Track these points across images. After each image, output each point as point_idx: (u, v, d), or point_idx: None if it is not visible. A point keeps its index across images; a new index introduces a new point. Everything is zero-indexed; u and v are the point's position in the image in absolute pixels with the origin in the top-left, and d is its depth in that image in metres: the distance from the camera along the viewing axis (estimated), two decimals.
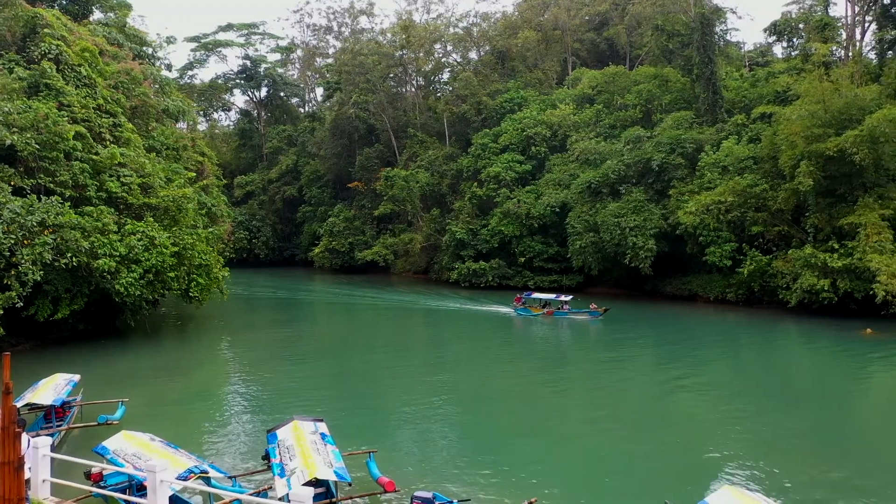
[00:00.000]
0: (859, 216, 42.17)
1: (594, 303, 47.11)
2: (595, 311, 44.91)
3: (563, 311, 46.36)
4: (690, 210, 49.79)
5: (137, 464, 13.81)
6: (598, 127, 64.63)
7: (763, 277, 47.29)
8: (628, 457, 18.99)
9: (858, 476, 17.00)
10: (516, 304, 48.28)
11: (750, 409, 24.09)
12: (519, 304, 48.17)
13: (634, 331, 42.47)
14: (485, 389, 27.56)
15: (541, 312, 46.89)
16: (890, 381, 29.98)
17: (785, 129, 46.08)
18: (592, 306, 45.75)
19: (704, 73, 57.45)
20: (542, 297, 48.49)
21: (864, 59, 56.44)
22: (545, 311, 46.85)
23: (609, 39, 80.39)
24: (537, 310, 47.29)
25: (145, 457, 13.96)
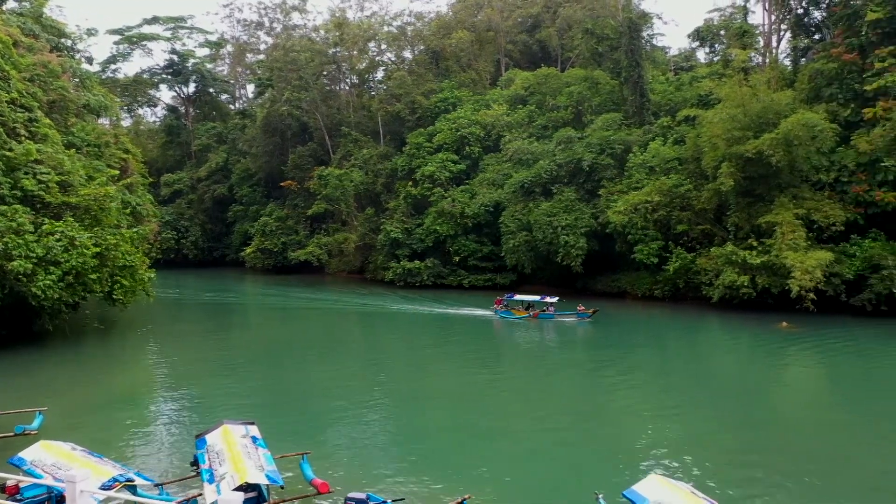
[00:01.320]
0: (776, 215, 44.27)
1: (581, 304, 45.68)
2: (583, 312, 43.70)
3: (549, 312, 45.11)
4: (619, 209, 51.18)
5: (57, 474, 13.19)
6: (531, 127, 65.62)
7: (688, 274, 49.02)
8: (561, 450, 19.38)
9: (775, 461, 17.85)
10: (496, 307, 47.05)
11: (676, 402, 24.97)
12: (499, 307, 46.91)
13: (563, 326, 43.07)
14: (422, 390, 27.59)
15: (525, 315, 45.57)
16: (803, 371, 31.62)
17: (707, 131, 47.91)
18: (580, 308, 44.42)
19: (632, 76, 59.17)
20: (525, 299, 46.85)
21: (780, 66, 59.25)
22: (531, 313, 45.57)
23: (541, 41, 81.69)
24: (520, 312, 46.00)
25: (65, 467, 13.35)
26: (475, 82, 78.22)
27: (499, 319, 45.95)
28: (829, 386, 29.23)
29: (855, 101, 46.56)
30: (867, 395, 26.38)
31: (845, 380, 29.58)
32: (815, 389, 28.83)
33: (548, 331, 41.99)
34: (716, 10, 71.88)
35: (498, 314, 46.67)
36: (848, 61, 47.23)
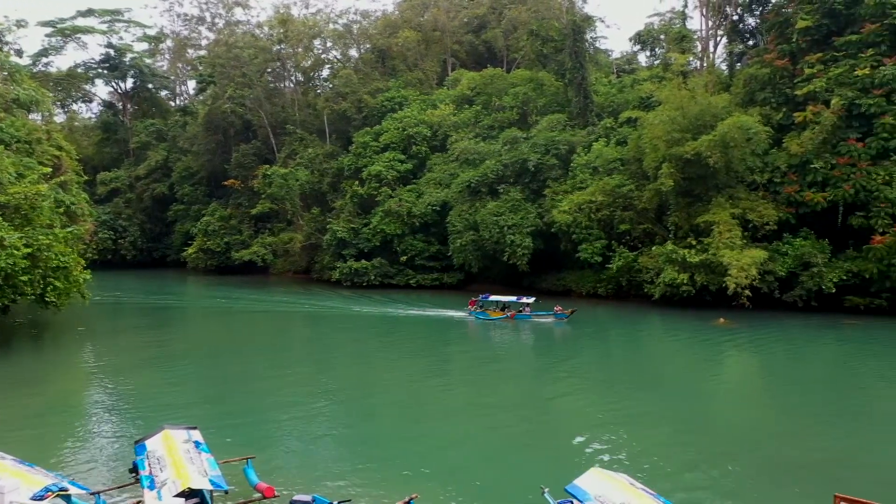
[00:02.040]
0: (713, 215, 45.75)
1: (559, 305, 44.97)
2: (560, 312, 43.04)
3: (526, 313, 44.38)
4: (564, 209, 52.02)
5: None
6: (478, 127, 66.05)
7: (630, 272, 50.16)
8: (507, 446, 19.58)
9: (711, 451, 18.46)
10: (471, 308, 46.10)
11: (618, 397, 25.54)
12: (474, 308, 45.99)
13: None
14: (372, 392, 27.44)
15: (502, 316, 44.64)
16: (739, 365, 32.79)
17: (648, 133, 49.14)
18: (557, 308, 43.73)
19: (576, 78, 60.22)
20: (501, 300, 45.87)
21: (717, 70, 61.25)
22: (508, 314, 44.68)
23: (487, 42, 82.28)
24: (496, 313, 45.11)
25: None
26: (422, 82, 78.28)
27: (474, 321, 44.80)
28: (762, 378, 30.37)
29: (786, 105, 48.47)
30: (797, 386, 27.51)
31: (777, 372, 30.78)
32: (749, 381, 29.91)
33: (519, 331, 41.43)
34: (656, 15, 74.04)
35: (474, 315, 45.56)
36: (780, 67, 49.17)
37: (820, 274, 42.95)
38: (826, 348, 35.66)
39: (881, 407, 23.71)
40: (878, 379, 28.23)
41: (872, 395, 25.58)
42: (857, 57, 45.37)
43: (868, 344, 35.47)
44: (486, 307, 45.80)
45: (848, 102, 44.09)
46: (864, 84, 44.15)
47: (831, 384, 27.92)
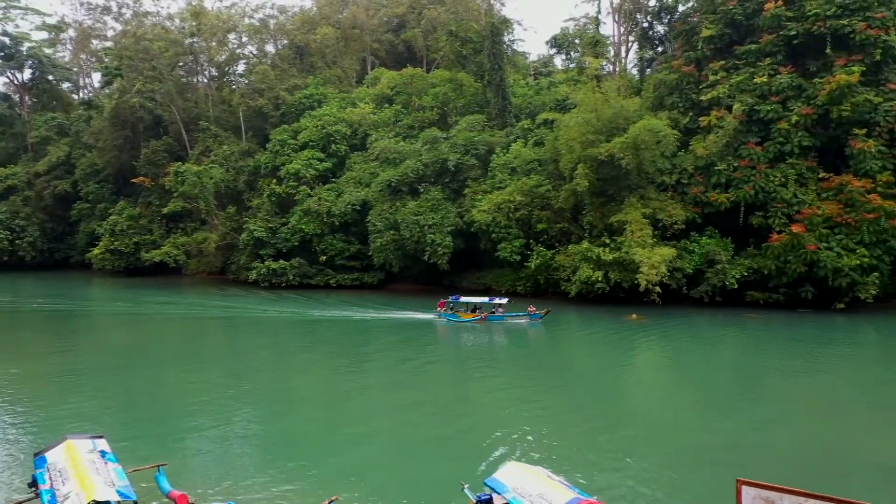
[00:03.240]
0: (626, 214, 47.39)
1: (532, 305, 44.27)
2: (535, 313, 42.31)
3: (499, 314, 43.43)
4: (483, 209, 52.71)
5: None
6: (398, 127, 65.97)
7: (548, 271, 51.32)
8: (427, 445, 19.64)
9: (624, 441, 19.14)
10: (440, 310, 44.56)
11: (535, 392, 26.06)
12: (443, 309, 44.47)
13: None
14: (291, 396, 26.89)
15: (474, 318, 43.30)
16: (650, 358, 34.12)
17: (564, 134, 50.40)
18: (531, 308, 43.00)
19: (495, 79, 61.11)
20: (472, 301, 44.61)
21: (629, 75, 63.55)
22: (482, 315, 43.48)
23: (407, 42, 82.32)
24: (467, 315, 43.75)
25: None
26: (341, 80, 77.49)
27: (444, 324, 43.07)
28: (672, 370, 31.71)
29: (693, 109, 50.84)
30: (703, 377, 28.90)
31: (686, 364, 32.20)
32: (659, 373, 31.17)
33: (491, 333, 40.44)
34: (571, 20, 76.22)
35: (446, 318, 43.95)
36: (686, 73, 51.53)
37: (724, 271, 45.25)
38: (730, 341, 37.60)
39: (779, 394, 25.21)
40: (776, 368, 29.99)
41: (771, 384, 27.15)
42: (756, 65, 48.08)
43: (767, 336, 37.63)
44: (456, 309, 44.33)
45: (748, 108, 46.64)
46: (762, 91, 46.84)
47: (735, 374, 29.45)
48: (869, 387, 26.23)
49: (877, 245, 42.33)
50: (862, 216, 42.34)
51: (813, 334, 38.05)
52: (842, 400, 23.69)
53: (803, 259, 42.89)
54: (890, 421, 21.18)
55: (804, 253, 42.74)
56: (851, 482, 15.39)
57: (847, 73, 43.79)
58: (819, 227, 43.25)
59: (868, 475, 16.06)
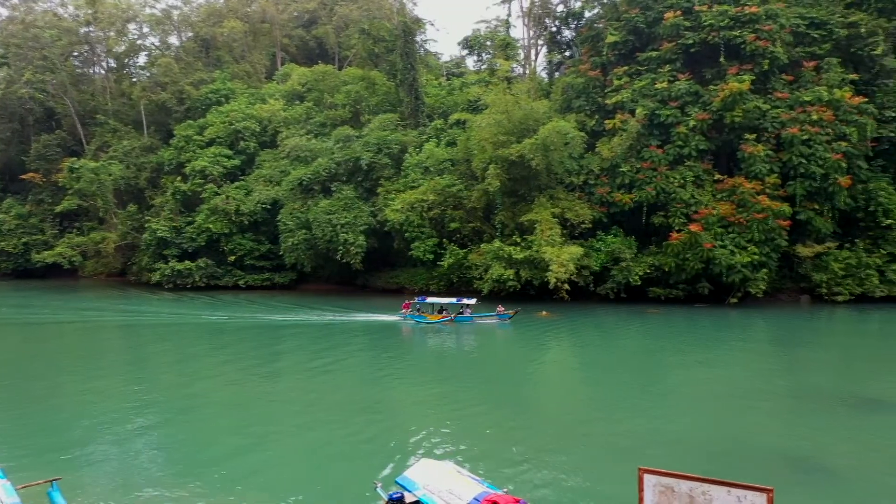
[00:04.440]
0: (536, 214, 48.52)
1: (501, 305, 43.48)
2: (503, 313, 41.79)
3: (467, 315, 42.63)
4: (397, 208, 52.65)
5: None
6: (309, 124, 64.90)
7: (461, 269, 51.84)
8: (340, 445, 19.39)
9: (533, 435, 19.55)
10: (404, 311, 43.41)
11: (448, 390, 26.23)
12: (408, 310, 43.35)
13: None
14: (194, 400, 25.87)
15: (442, 319, 42.35)
16: (560, 354, 35.06)
17: (476, 135, 51.07)
18: (500, 308, 42.39)
19: (407, 78, 61.15)
20: (439, 302, 43.72)
21: (538, 77, 65.07)
22: (451, 316, 42.61)
23: (318, 38, 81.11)
24: (434, 316, 42.69)
25: None
26: (249, 75, 75.45)
27: (410, 326, 41.93)
28: (580, 364, 32.70)
29: (599, 112, 52.64)
30: (609, 370, 29.94)
31: (593, 358, 33.29)
32: (568, 368, 32.06)
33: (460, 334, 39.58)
34: (482, 22, 77.21)
35: (414, 319, 42.88)
36: (592, 77, 53.31)
37: (628, 268, 47.10)
38: (633, 335, 39.13)
39: (679, 385, 26.46)
40: (676, 361, 31.49)
41: (672, 376, 28.48)
42: (657, 72, 50.33)
43: (668, 330, 39.46)
44: (422, 310, 43.34)
45: (650, 112, 48.74)
46: (662, 96, 49.06)
47: (638, 367, 30.67)
48: (760, 376, 27.93)
49: (765, 243, 45.19)
50: (752, 216, 45.07)
51: (709, 328, 40.21)
52: (736, 389, 25.11)
53: (700, 257, 45.21)
54: (779, 408, 22.64)
55: (701, 251, 45.06)
56: (747, 466, 16.31)
57: (738, 81, 46.53)
58: (714, 226, 45.71)
59: (761, 459, 17.08)
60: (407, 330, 40.90)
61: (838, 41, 49.75)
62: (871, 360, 31.14)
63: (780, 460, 16.97)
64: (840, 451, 17.58)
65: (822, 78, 48.33)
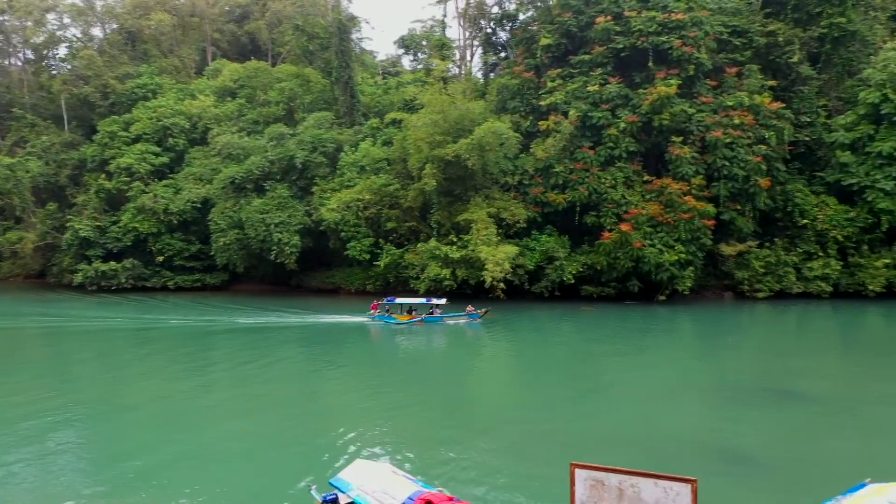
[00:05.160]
0: (472, 213, 48.88)
1: (471, 304, 42.79)
2: (473, 313, 41.32)
3: (436, 315, 42.10)
4: (332, 207, 52.10)
5: None
6: (241, 121, 63.49)
7: (397, 269, 51.72)
8: (274, 449, 19.01)
9: (469, 433, 19.69)
10: (373, 312, 42.28)
11: (385, 389, 26.13)
12: (376, 311, 42.31)
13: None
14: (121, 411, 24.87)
15: (413, 319, 41.77)
16: (495, 351, 35.43)
17: (412, 134, 51.03)
18: (469, 308, 41.78)
19: (343, 77, 60.56)
20: (408, 302, 43.00)
21: (474, 78, 65.52)
22: (421, 317, 42.05)
23: (251, 33, 79.41)
24: (403, 317, 41.99)
25: None
26: (178, 70, 73.18)
27: (378, 327, 41.08)
28: (516, 362, 33.14)
29: (533, 114, 53.41)
30: (544, 367, 30.45)
31: (528, 356, 33.79)
32: (504, 366, 32.45)
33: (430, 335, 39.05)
34: (418, 21, 77.23)
35: (381, 320, 42.01)
36: (527, 79, 54.06)
37: (562, 267, 48.01)
38: (567, 333, 39.96)
39: (610, 381, 27.13)
40: (608, 357, 32.31)
41: (604, 372, 29.20)
42: (589, 74, 51.43)
43: (599, 327, 40.44)
44: (391, 311, 42.48)
45: (582, 114, 49.77)
46: (594, 99, 50.18)
47: (572, 364, 31.32)
48: (687, 370, 28.97)
49: (691, 242, 46.85)
50: (679, 216, 46.64)
51: (639, 324, 41.41)
52: (664, 383, 25.93)
53: (630, 255, 46.48)
54: (704, 401, 23.52)
55: (631, 250, 46.33)
56: (674, 457, 16.87)
57: (666, 85, 48.06)
58: (644, 225, 47.08)
59: (688, 450, 17.70)
60: (375, 332, 40.30)
61: (758, 49, 52.07)
62: (788, 354, 32.73)
63: (706, 451, 17.64)
64: (760, 441, 18.39)
65: (744, 84, 50.46)
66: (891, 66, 48.27)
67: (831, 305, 47.30)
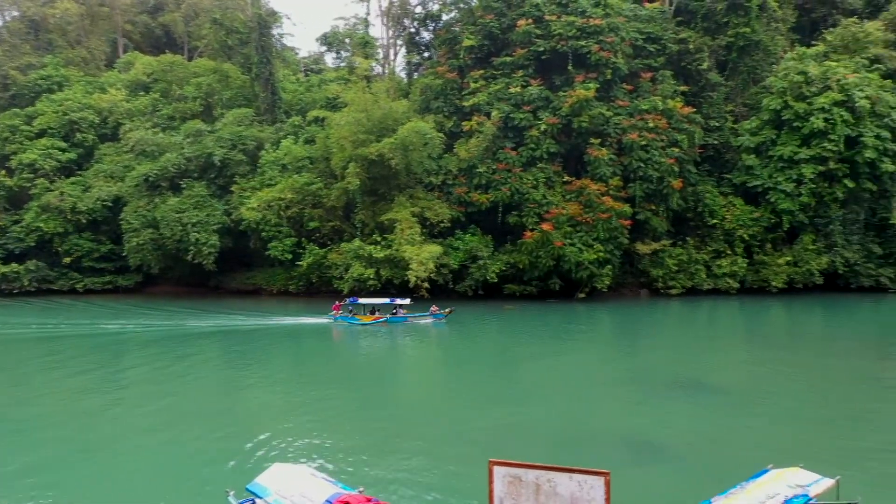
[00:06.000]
0: (396, 213, 48.80)
1: (435, 304, 42.37)
2: (437, 312, 40.90)
3: (401, 315, 41.57)
4: (253, 206, 50.93)
5: None
6: (156, 117, 61.15)
7: (321, 269, 51.06)
8: (192, 455, 18.39)
9: (392, 434, 19.63)
10: (335, 312, 41.49)
11: (307, 391, 25.70)
12: (338, 312, 41.50)
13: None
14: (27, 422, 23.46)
15: (378, 320, 41.03)
16: (420, 351, 35.49)
17: (336, 133, 50.48)
18: (433, 308, 41.36)
19: (263, 73, 59.22)
20: (371, 303, 42.26)
21: (397, 77, 65.37)
22: (385, 317, 41.31)
23: (165, 26, 76.49)
24: (367, 317, 41.22)
25: None
26: (87, 61, 69.68)
27: (340, 328, 40.31)
28: (441, 361, 33.30)
29: (456, 114, 53.81)
30: (468, 366, 30.74)
31: (453, 355, 34.03)
32: (428, 365, 32.54)
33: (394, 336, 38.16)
34: (341, 19, 76.49)
35: (344, 321, 41.20)
36: (450, 79, 54.42)
37: (485, 266, 48.60)
38: (490, 331, 40.45)
39: (531, 377, 27.63)
40: (529, 354, 32.89)
41: (526, 368, 29.71)
42: (511, 76, 52.24)
43: (522, 325, 41.15)
44: (354, 311, 41.79)
45: (505, 115, 50.52)
46: (516, 100, 51.03)
47: (494, 362, 31.72)
48: (604, 365, 29.87)
49: (609, 241, 48.36)
50: (598, 216, 48.04)
51: (560, 322, 42.41)
52: (583, 378, 26.65)
53: (551, 254, 47.54)
54: (620, 394, 24.28)
55: (552, 249, 47.39)
56: (592, 451, 17.32)
57: (585, 88, 49.41)
58: (564, 225, 48.23)
59: (605, 443, 18.21)
60: (337, 333, 39.57)
61: (671, 55, 54.29)
62: (699, 348, 34.28)
63: (621, 443, 18.21)
64: (672, 432, 19.15)
65: (658, 89, 52.46)
66: (791, 75, 51.29)
67: (738, 301, 49.85)
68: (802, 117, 49.82)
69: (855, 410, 21.29)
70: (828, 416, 20.88)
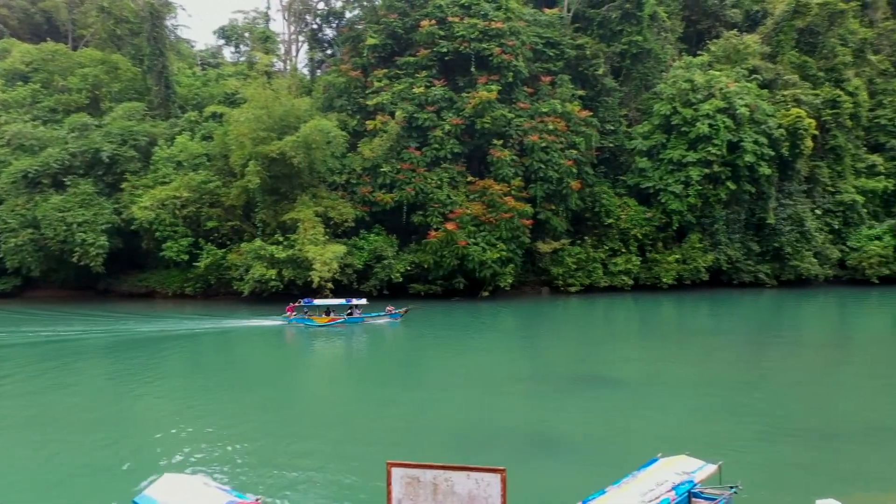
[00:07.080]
0: (298, 212, 47.82)
1: (391, 304, 41.74)
2: (394, 312, 40.35)
3: (357, 316, 40.53)
4: (145, 205, 48.49)
5: None
6: (36, 109, 56.92)
7: (219, 270, 49.30)
8: (75, 467, 17.25)
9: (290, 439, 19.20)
10: (289, 314, 40.08)
11: (197, 399, 24.71)
12: (293, 314, 40.13)
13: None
14: None
15: (335, 321, 40.09)
16: (324, 354, 34.97)
17: (235, 129, 48.85)
18: (389, 308, 40.73)
19: (156, 65, 56.47)
20: (326, 303, 41.26)
21: (300, 74, 64.08)
22: (342, 318, 40.36)
23: (46, 12, 71.45)
24: (322, 319, 40.06)
25: None
26: None
27: (298, 330, 39.25)
28: (344, 364, 32.93)
29: (360, 113, 53.39)
30: (370, 368, 30.57)
31: (357, 357, 33.75)
32: (329, 370, 32.09)
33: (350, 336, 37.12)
34: (240, 12, 74.17)
35: (299, 322, 40.06)
36: (354, 78, 53.95)
37: (390, 265, 48.50)
38: (394, 332, 40.30)
39: (433, 377, 27.75)
40: (433, 353, 33.11)
41: (430, 367, 29.88)
42: (414, 76, 52.36)
43: (427, 324, 41.32)
44: (309, 313, 40.70)
45: (409, 115, 50.58)
46: (420, 100, 51.20)
47: (398, 363, 31.71)
48: (506, 362, 30.41)
49: (512, 240, 49.45)
50: (500, 216, 48.99)
51: (464, 320, 42.94)
52: (485, 375, 27.03)
53: (456, 254, 48.06)
54: (521, 390, 24.83)
55: (456, 248, 47.91)
56: (491, 448, 17.59)
57: (487, 90, 50.24)
58: (468, 225, 48.87)
59: (505, 440, 18.54)
60: (291, 335, 38.43)
61: (569, 60, 56.09)
62: (597, 343, 35.60)
63: (520, 438, 18.63)
64: (568, 425, 19.78)
65: (557, 92, 54.08)
66: (679, 83, 54.27)
67: (633, 297, 52.21)
68: (689, 123, 52.85)
69: (735, 399, 22.73)
70: (712, 405, 22.18)
